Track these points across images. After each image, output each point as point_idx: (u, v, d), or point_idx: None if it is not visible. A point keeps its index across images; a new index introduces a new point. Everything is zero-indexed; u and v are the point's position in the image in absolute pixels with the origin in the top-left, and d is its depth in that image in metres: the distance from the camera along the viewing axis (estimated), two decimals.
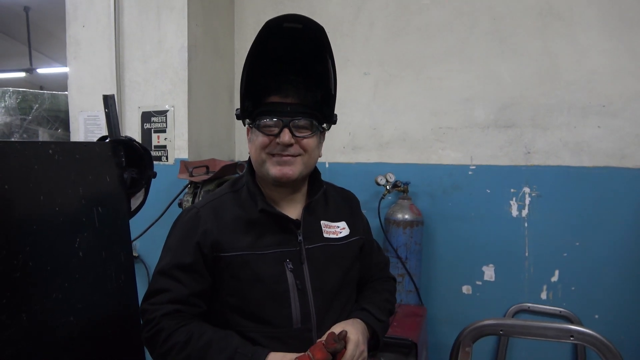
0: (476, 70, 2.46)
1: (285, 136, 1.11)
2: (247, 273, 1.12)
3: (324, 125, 1.21)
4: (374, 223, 2.50)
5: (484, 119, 2.45)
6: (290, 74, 1.17)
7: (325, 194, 1.29)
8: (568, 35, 2.30)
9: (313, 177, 1.27)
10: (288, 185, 1.20)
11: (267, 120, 1.13)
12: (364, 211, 2.48)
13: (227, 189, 1.26)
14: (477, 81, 2.46)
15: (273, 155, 1.14)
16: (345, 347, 1.08)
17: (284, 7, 2.77)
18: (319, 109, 1.19)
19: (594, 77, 2.27)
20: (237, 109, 1.20)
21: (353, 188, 2.55)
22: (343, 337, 1.10)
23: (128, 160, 1.53)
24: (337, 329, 1.13)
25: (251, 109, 1.18)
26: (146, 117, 2.63)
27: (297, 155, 1.14)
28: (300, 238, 1.18)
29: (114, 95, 1.54)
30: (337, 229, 1.25)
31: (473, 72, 2.46)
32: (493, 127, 2.44)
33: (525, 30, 2.37)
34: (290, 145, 1.12)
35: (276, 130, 1.12)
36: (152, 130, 2.62)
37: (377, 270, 1.40)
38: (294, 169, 1.14)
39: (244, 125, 1.22)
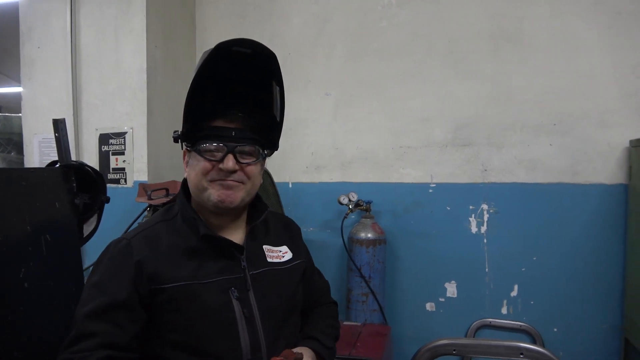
0: (434, 90, 2.52)
1: (229, 162, 1.07)
2: (190, 305, 1.04)
3: (266, 151, 1.18)
4: (337, 242, 2.55)
5: (442, 138, 2.51)
6: (236, 98, 1.14)
7: (266, 221, 1.25)
8: (519, 57, 2.39)
9: (253, 201, 1.22)
10: (228, 213, 1.15)
11: (209, 145, 1.08)
12: (327, 230, 2.56)
13: (159, 218, 1.18)
14: (435, 101, 2.52)
15: (214, 181, 1.09)
16: None
17: (247, 29, 2.79)
18: (264, 135, 1.16)
19: (545, 97, 2.36)
20: (175, 132, 1.13)
21: (316, 207, 2.68)
22: (300, 358, 1.08)
23: (80, 185, 1.50)
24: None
25: (192, 132, 1.12)
26: (104, 139, 2.59)
27: (239, 182, 1.11)
28: (244, 264, 1.12)
29: (64, 119, 1.49)
30: (279, 253, 1.21)
31: (431, 92, 2.52)
32: (451, 146, 2.50)
33: (479, 53, 2.45)
34: (234, 171, 1.08)
35: (219, 155, 1.08)
36: (110, 152, 2.57)
37: (320, 295, 1.38)
38: (236, 195, 1.10)
39: (182, 149, 1.17)
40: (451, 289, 2.48)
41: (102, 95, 2.59)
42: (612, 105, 2.26)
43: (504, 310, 2.41)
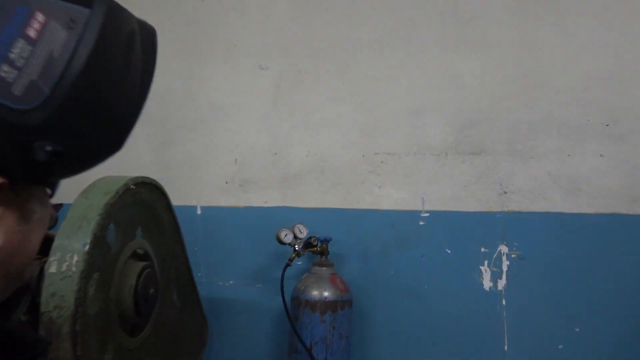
0: (428, 67, 2.18)
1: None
2: None
3: None
4: (273, 304, 2.12)
5: (440, 141, 2.15)
6: None
7: None
8: (555, 23, 2.06)
9: None
10: None
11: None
12: (257, 285, 2.26)
13: None
14: (429, 85, 2.17)
15: None
16: None
17: None
18: None
19: (593, 84, 2.02)
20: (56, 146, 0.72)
21: (241, 248, 2.34)
22: None
23: None
24: None
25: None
26: None
27: None
28: None
29: None
30: None
31: (423, 70, 2.18)
32: (453, 154, 2.13)
33: (496, 14, 2.12)
34: None
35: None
36: None
37: None
38: None
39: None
40: None
41: None
42: None
43: None
